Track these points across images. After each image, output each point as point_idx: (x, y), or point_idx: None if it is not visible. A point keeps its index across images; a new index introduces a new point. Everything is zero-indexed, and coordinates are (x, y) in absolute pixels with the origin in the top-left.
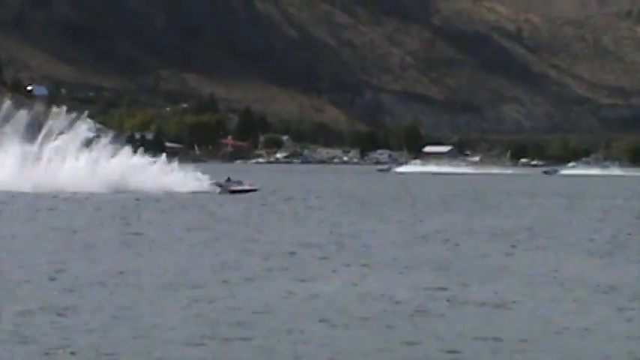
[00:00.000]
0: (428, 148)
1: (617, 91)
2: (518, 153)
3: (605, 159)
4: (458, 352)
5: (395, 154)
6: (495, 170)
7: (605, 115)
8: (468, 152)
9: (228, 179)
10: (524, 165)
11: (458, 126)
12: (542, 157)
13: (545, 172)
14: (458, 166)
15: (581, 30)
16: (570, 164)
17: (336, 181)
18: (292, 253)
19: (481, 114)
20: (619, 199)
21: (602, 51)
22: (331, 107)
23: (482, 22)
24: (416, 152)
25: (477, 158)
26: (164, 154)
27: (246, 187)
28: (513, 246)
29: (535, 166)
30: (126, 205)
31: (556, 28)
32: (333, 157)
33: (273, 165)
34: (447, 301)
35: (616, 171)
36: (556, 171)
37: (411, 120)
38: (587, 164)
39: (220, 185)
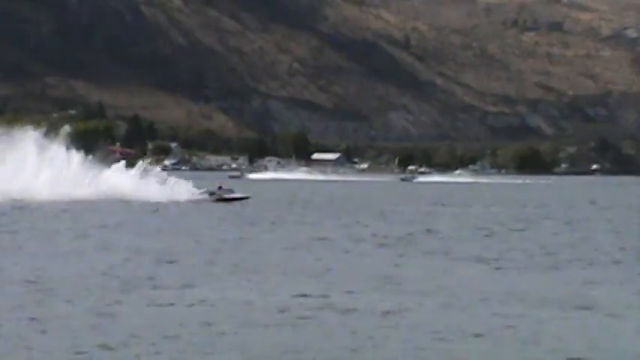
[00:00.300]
0: (316, 155)
1: (503, 99)
2: (405, 160)
3: (492, 166)
4: None
5: (283, 160)
6: (348, 178)
7: (492, 123)
8: (356, 160)
9: (220, 187)
10: (411, 172)
11: (346, 133)
12: (430, 165)
13: (403, 179)
14: (323, 173)
15: (468, 38)
16: (457, 172)
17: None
18: (174, 262)
19: (369, 121)
20: (498, 207)
21: (488, 59)
22: (219, 114)
23: (369, 29)
24: (304, 159)
25: (365, 165)
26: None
27: (238, 195)
28: (401, 254)
29: (422, 173)
30: (5, 212)
31: (443, 37)
32: (222, 164)
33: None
34: (332, 308)
35: (487, 179)
36: (413, 178)
37: (299, 127)
38: (474, 172)
39: (212, 193)
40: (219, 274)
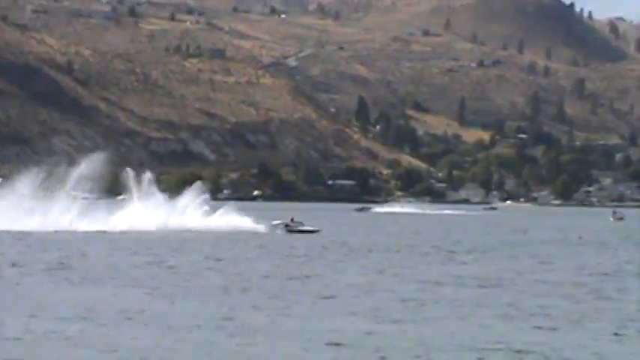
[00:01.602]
0: None
1: (166, 125)
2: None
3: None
4: None
5: None
6: None
7: (155, 149)
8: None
9: (292, 220)
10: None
11: (8, 158)
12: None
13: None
14: None
15: (132, 64)
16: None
17: None
18: None
19: (32, 146)
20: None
21: (151, 85)
22: None
23: (32, 53)
24: None
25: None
26: None
27: (309, 228)
28: (73, 282)
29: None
30: None
31: (106, 62)
32: None
33: None
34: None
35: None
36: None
37: None
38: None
39: (286, 225)
40: None
